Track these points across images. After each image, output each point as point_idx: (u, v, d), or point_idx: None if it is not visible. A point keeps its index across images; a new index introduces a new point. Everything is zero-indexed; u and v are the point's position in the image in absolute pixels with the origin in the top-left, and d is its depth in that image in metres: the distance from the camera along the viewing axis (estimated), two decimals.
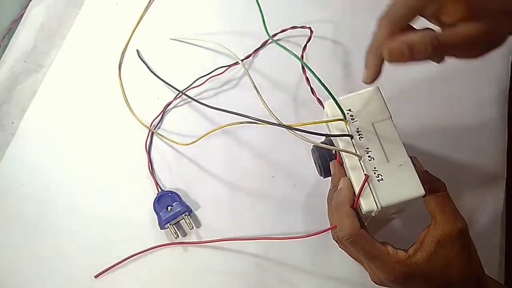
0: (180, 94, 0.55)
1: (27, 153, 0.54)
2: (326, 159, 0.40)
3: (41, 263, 0.48)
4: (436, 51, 0.32)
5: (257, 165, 0.51)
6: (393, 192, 0.35)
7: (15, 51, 0.60)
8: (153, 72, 0.56)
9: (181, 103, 0.55)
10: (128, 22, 0.61)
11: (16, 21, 0.62)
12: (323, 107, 0.44)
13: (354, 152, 0.36)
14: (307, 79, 0.49)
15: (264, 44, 0.57)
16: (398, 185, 0.35)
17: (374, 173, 0.36)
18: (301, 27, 0.55)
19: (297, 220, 0.48)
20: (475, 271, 0.35)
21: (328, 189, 0.40)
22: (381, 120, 0.38)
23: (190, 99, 0.55)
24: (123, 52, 0.59)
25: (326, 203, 0.40)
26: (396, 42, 0.32)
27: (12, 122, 0.56)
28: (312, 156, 0.43)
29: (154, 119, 0.54)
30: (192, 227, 0.47)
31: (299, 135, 0.36)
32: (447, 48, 0.33)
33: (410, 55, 0.32)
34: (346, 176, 0.37)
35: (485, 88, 0.52)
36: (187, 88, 0.55)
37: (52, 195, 0.51)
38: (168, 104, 0.55)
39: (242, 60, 0.54)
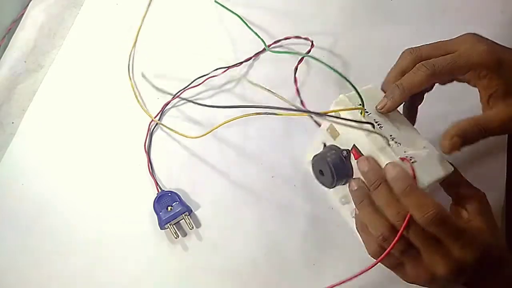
0: (179, 93, 0.55)
1: (27, 153, 0.53)
2: (342, 161, 0.38)
3: (40, 264, 0.48)
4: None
5: (257, 165, 0.51)
6: (430, 171, 0.35)
7: (15, 51, 0.59)
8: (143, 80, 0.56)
9: (180, 102, 0.55)
10: (128, 22, 0.61)
11: (16, 21, 0.62)
12: (315, 121, 0.46)
13: (383, 135, 0.36)
14: (297, 91, 0.50)
15: (264, 50, 0.57)
16: (431, 165, 0.35)
17: (406, 156, 0.35)
18: (305, 38, 0.56)
19: (297, 220, 0.48)
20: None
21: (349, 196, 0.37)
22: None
23: (189, 97, 0.55)
24: (125, 53, 0.59)
25: (351, 215, 0.38)
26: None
27: (12, 122, 0.56)
28: (317, 168, 0.39)
29: (155, 116, 0.54)
30: (192, 227, 0.47)
31: (327, 119, 0.37)
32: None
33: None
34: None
35: None
36: (185, 89, 0.55)
37: (52, 195, 0.51)
38: (167, 104, 0.55)
39: (241, 63, 0.54)
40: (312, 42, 0.54)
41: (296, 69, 0.53)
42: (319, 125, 0.46)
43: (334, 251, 0.46)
